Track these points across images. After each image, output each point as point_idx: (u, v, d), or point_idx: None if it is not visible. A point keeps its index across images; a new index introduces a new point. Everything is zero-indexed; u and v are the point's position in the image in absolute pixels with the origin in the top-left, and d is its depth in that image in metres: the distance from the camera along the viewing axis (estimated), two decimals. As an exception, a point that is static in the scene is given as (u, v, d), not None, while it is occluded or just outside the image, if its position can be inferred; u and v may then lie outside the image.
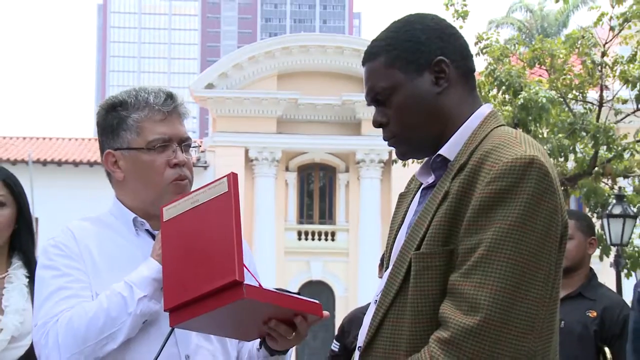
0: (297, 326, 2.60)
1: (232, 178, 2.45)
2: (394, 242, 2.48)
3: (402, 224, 2.48)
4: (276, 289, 2.55)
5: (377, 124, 2.44)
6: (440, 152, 2.37)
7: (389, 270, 2.39)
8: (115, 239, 2.89)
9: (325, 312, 2.62)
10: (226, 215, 2.42)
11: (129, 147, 2.90)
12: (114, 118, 2.93)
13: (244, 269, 2.37)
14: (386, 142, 2.45)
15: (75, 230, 2.88)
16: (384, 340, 2.32)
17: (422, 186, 2.46)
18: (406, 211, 2.49)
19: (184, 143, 2.94)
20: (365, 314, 6.17)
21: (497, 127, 2.36)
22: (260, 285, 2.45)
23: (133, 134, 2.90)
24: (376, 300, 2.39)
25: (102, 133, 2.97)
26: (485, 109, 2.41)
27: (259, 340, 2.81)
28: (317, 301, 2.61)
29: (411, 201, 2.50)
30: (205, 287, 2.39)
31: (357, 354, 2.41)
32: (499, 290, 2.15)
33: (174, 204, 2.58)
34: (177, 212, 2.55)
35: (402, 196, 2.57)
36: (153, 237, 2.88)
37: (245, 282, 2.36)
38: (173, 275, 2.50)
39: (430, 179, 2.42)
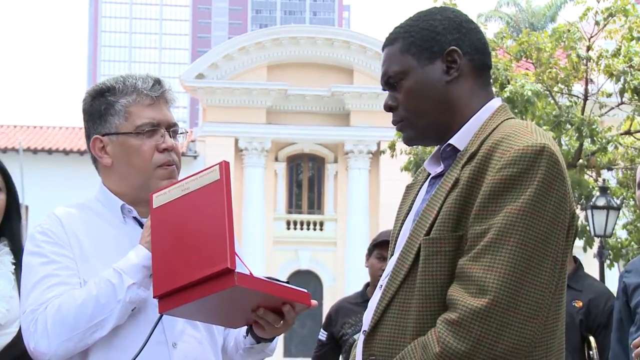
0: (285, 314, 2.60)
1: (224, 166, 2.43)
2: (400, 230, 2.49)
3: (408, 213, 2.50)
4: (266, 277, 2.54)
5: (387, 107, 2.47)
6: (451, 141, 2.40)
7: (395, 256, 2.40)
8: (102, 226, 2.87)
9: (313, 301, 2.62)
10: (218, 203, 2.40)
11: (117, 132, 2.88)
12: (101, 104, 2.91)
13: (236, 257, 2.37)
14: (395, 127, 2.48)
15: (62, 217, 2.86)
16: (389, 324, 2.34)
17: (431, 176, 2.48)
18: (413, 201, 2.51)
19: (172, 128, 2.93)
20: (352, 303, 6.17)
21: (508, 119, 2.39)
22: (251, 273, 2.44)
23: (121, 118, 2.88)
24: (382, 285, 2.40)
25: (88, 119, 2.95)
26: (495, 103, 2.45)
27: (245, 327, 2.81)
28: (305, 290, 2.60)
29: (418, 191, 2.52)
30: (196, 274, 2.38)
31: (361, 337, 2.41)
32: (507, 273, 2.18)
33: (164, 191, 2.55)
34: (168, 199, 2.53)
35: (409, 187, 2.59)
36: (140, 224, 2.87)
37: (236, 270, 2.36)
38: (163, 263, 2.48)
39: (439, 169, 2.44)
